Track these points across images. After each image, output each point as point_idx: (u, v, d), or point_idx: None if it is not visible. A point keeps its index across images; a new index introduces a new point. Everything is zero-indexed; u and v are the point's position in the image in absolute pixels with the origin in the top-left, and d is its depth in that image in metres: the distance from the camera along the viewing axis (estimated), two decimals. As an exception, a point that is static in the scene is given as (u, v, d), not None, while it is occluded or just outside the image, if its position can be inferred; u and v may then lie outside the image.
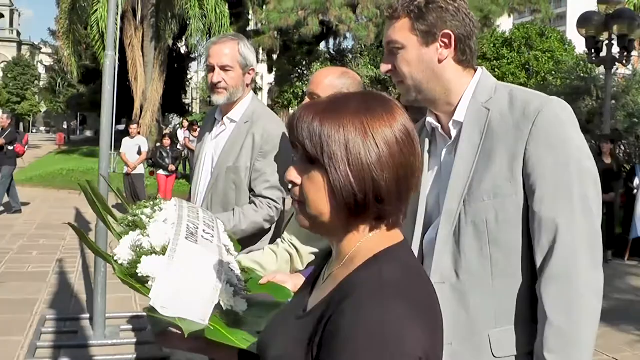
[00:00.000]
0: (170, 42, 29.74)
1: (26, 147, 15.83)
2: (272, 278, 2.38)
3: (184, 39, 32.40)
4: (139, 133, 17.40)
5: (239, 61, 3.39)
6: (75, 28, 26.96)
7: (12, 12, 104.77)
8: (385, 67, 2.11)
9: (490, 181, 1.95)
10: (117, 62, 20.43)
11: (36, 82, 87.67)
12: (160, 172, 16.43)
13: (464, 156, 2.02)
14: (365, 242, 1.34)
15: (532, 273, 1.93)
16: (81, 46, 28.72)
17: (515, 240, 1.95)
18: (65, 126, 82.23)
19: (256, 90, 42.19)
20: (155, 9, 27.07)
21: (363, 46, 34.09)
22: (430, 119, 2.16)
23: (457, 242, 2.00)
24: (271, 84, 40.32)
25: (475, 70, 2.12)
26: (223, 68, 3.36)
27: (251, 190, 3.42)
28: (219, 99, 3.42)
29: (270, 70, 37.87)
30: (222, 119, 3.54)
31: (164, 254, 1.80)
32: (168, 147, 16.77)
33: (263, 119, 3.43)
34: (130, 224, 2.01)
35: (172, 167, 16.60)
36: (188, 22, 25.96)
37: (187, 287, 1.75)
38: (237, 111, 3.48)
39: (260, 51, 33.39)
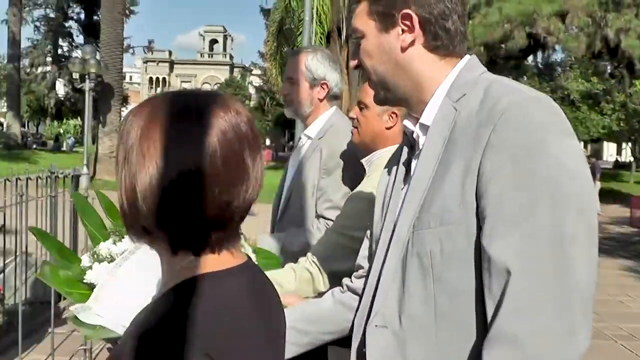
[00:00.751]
0: (375, 60, 29.88)
1: None
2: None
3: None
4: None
5: (305, 74, 3.21)
6: (282, 50, 27.78)
7: (225, 38, 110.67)
8: (352, 63, 1.77)
9: (439, 203, 1.52)
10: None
11: (247, 101, 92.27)
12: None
13: (422, 169, 1.60)
14: (187, 265, 1.22)
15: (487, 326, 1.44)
16: (288, 67, 29.63)
17: (465, 281, 1.48)
18: (269, 143, 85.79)
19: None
20: (360, 28, 27.36)
21: (573, 58, 32.62)
22: (406, 122, 1.75)
23: (403, 278, 1.59)
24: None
25: (461, 59, 1.68)
26: (289, 80, 3.26)
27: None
28: (287, 111, 3.36)
29: (476, 87, 37.28)
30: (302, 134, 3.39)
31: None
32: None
33: (334, 134, 3.16)
34: (119, 232, 1.98)
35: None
36: (392, 40, 25.98)
37: (128, 297, 1.70)
38: (314, 127, 3.28)
39: (466, 67, 32.91)
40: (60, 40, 60.44)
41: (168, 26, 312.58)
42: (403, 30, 1.63)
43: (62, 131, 65.12)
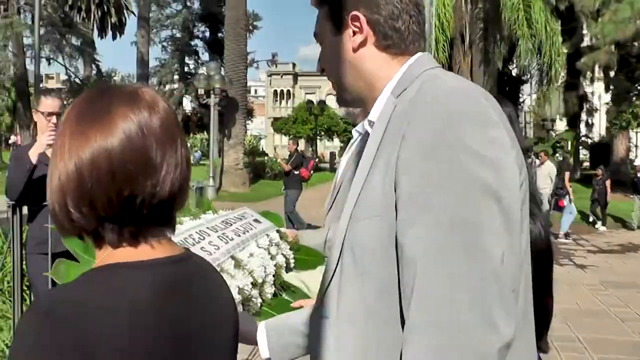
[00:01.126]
0: (500, 65, 29.22)
1: (311, 172, 16.39)
2: (304, 303, 2.33)
3: (514, 61, 31.72)
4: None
5: None
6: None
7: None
8: (318, 67, 1.84)
9: (367, 196, 1.54)
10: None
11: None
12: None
13: (362, 163, 1.62)
14: (105, 257, 1.30)
15: None
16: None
17: (389, 275, 1.47)
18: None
19: (592, 110, 40.15)
20: (484, 32, 26.76)
21: None
22: (365, 121, 1.76)
23: (341, 269, 1.60)
24: (608, 103, 37.89)
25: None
26: None
27: None
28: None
29: (607, 89, 35.71)
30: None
31: None
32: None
33: None
34: None
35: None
36: (517, 43, 25.28)
37: None
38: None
39: (596, 68, 31.67)
40: (186, 58, 62.44)
41: (291, 39, 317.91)
42: (354, 32, 1.68)
43: (189, 145, 67.11)
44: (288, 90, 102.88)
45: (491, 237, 1.35)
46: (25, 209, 4.98)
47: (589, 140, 42.64)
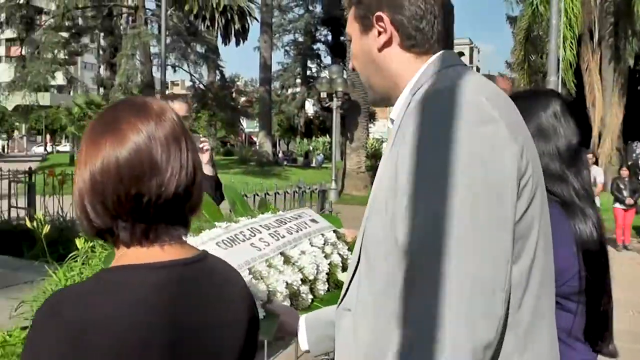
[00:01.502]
0: (631, 62, 28.05)
1: None
2: None
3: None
4: (595, 163, 16.82)
5: None
6: (529, 58, 26.90)
7: (471, 50, 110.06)
8: (350, 65, 1.92)
9: (378, 193, 1.60)
10: (574, 88, 20.25)
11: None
12: (617, 205, 15.36)
13: (381, 161, 1.67)
14: (119, 257, 1.42)
15: None
16: (537, 75, 28.61)
17: (393, 268, 1.50)
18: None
19: None
20: (614, 27, 25.76)
21: None
22: (388, 120, 1.81)
23: (360, 265, 1.67)
24: None
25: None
26: None
27: None
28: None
29: None
30: None
31: None
32: (626, 179, 15.43)
33: None
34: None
35: (629, 201, 15.24)
36: (652, 39, 24.14)
37: None
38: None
39: None
40: (308, 61, 62.95)
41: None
42: (379, 32, 1.72)
43: (311, 148, 67.71)
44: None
45: (475, 235, 1.37)
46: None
47: None
